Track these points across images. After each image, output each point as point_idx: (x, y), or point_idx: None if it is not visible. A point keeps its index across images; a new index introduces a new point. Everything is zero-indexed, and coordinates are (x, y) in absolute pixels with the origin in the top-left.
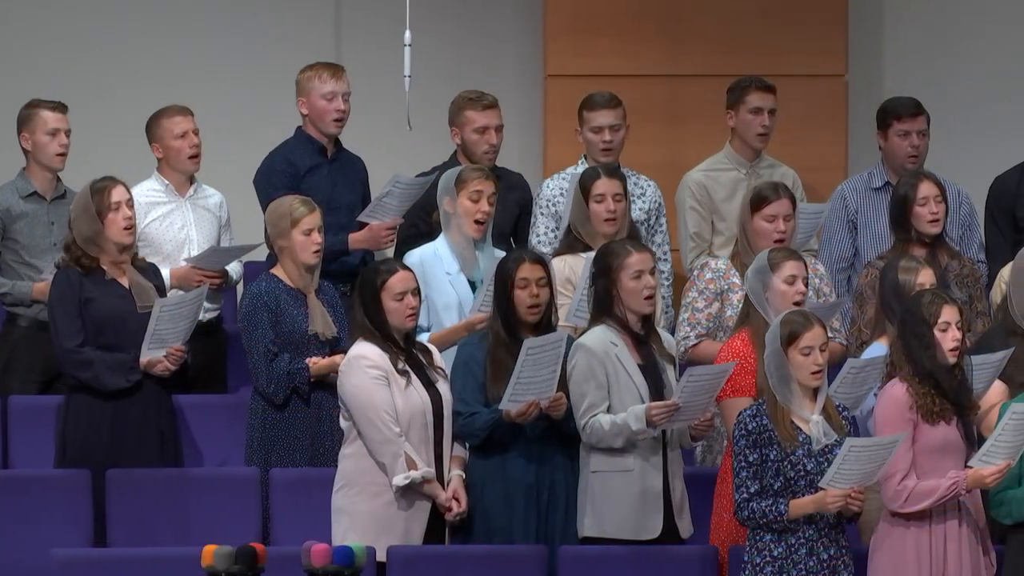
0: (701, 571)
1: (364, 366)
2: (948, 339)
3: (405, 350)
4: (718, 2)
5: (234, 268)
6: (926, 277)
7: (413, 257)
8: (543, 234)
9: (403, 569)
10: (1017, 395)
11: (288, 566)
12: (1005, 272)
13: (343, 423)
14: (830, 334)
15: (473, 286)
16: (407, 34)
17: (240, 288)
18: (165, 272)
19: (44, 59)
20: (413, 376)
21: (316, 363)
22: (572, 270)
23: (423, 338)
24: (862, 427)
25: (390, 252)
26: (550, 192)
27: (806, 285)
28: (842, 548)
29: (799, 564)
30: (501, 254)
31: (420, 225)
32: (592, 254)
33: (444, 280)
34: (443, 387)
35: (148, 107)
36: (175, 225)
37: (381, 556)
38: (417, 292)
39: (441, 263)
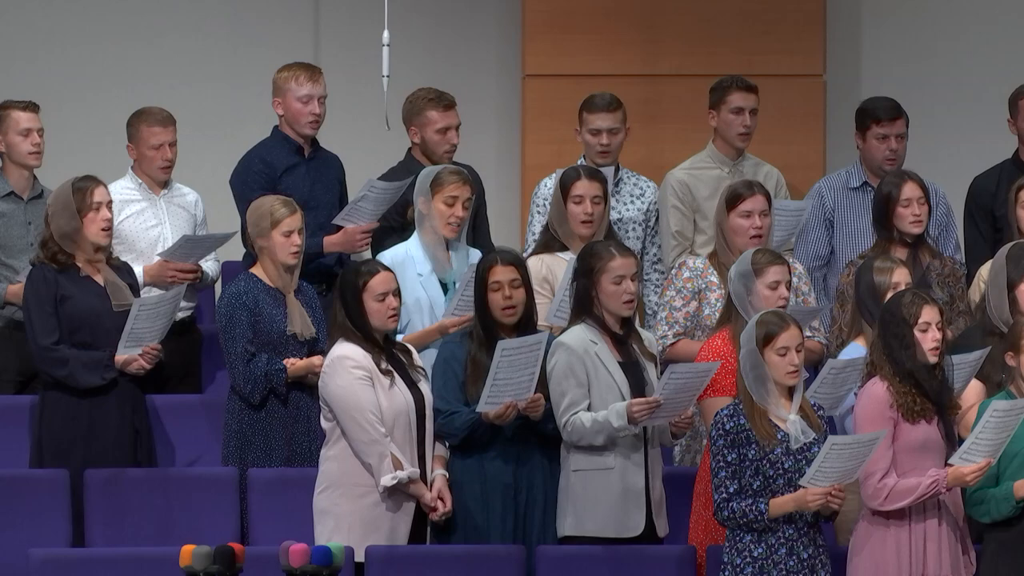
0: (678, 571)
1: (348, 366)
2: (928, 339)
3: (386, 350)
4: (696, 2)
5: (211, 267)
6: (901, 277)
7: (385, 259)
8: (538, 232)
9: (382, 569)
10: (996, 394)
11: (266, 566)
12: (984, 271)
13: (325, 424)
14: (809, 333)
15: (445, 287)
16: (385, 34)
17: (217, 287)
18: (138, 269)
19: (22, 59)
20: (396, 376)
21: (294, 364)
22: (549, 269)
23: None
24: (839, 427)
25: (366, 254)
26: (546, 191)
27: (789, 289)
28: (819, 548)
29: (779, 564)
30: (476, 255)
31: (393, 221)
32: (571, 254)
33: (415, 281)
34: (425, 387)
35: (126, 107)
36: (149, 222)
37: (360, 556)
38: (398, 293)
39: (413, 264)
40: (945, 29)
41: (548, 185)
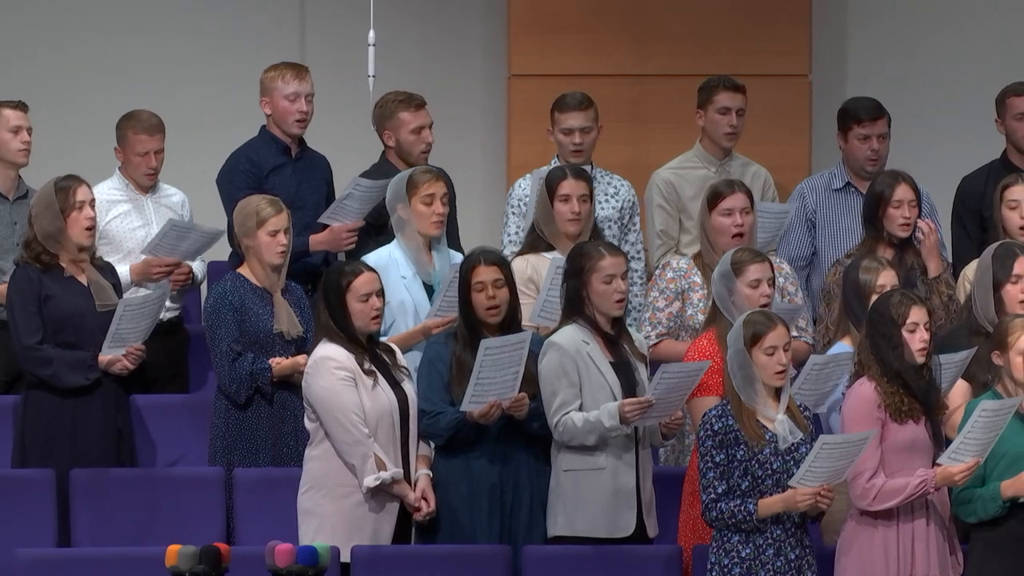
0: (665, 571)
1: (331, 367)
2: (916, 339)
3: (369, 350)
4: (683, 2)
5: (198, 268)
6: (887, 279)
7: (368, 262)
8: (514, 233)
9: (367, 569)
10: (982, 394)
11: (252, 566)
12: (969, 271)
13: (308, 424)
14: (796, 333)
15: (430, 290)
16: (371, 34)
17: (204, 288)
18: (124, 269)
19: (12, 59)
20: (380, 376)
21: (279, 364)
22: (535, 269)
23: None
24: (825, 424)
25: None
26: (521, 191)
27: (772, 287)
28: (806, 548)
29: (767, 565)
30: (458, 256)
31: (371, 223)
32: (556, 254)
33: (399, 283)
34: (408, 387)
35: (113, 107)
36: (135, 223)
37: (345, 556)
38: (381, 293)
39: (397, 267)
40: (931, 29)
41: (523, 186)
